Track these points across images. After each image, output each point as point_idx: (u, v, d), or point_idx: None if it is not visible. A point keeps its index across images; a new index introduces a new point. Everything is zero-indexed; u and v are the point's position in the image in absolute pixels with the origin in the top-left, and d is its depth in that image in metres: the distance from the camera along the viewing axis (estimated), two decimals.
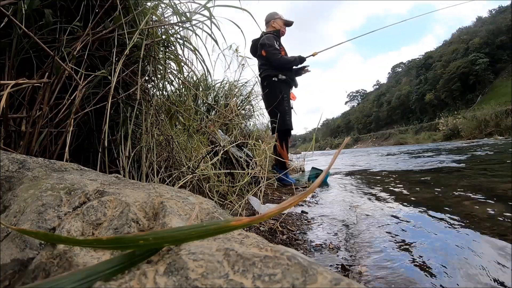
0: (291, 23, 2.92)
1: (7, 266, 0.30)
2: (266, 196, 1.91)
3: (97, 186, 0.44)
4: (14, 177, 0.47)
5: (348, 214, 1.39)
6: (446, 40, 50.84)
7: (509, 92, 23.70)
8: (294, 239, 1.05)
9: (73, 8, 1.04)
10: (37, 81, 0.81)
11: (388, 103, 52.72)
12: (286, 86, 2.75)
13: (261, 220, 0.27)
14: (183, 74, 1.55)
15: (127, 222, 0.34)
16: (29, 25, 0.88)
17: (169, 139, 1.37)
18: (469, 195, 1.55)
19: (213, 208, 0.44)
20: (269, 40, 2.65)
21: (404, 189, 1.96)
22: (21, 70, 0.92)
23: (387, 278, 0.72)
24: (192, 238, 0.26)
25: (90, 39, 0.98)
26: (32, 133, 0.81)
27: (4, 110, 0.70)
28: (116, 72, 0.98)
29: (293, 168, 3.50)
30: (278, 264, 0.23)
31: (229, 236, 0.32)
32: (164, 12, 1.45)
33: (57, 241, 0.29)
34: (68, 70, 0.87)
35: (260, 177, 1.56)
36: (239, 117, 2.57)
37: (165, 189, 0.46)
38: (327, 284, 0.20)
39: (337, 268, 0.79)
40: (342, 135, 62.30)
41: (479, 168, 2.80)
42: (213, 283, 0.21)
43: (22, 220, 0.36)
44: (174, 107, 1.41)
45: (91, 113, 1.08)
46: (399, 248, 0.91)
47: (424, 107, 42.79)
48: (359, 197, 1.82)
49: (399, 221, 1.21)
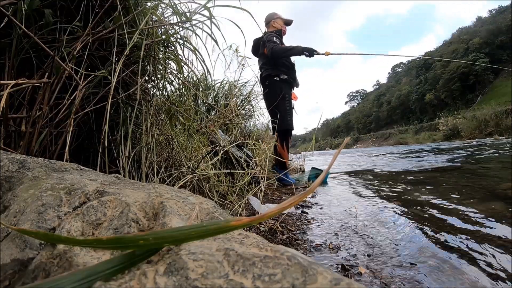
0: (291, 21, 2.92)
1: (7, 266, 0.30)
2: (266, 196, 1.91)
3: (97, 186, 0.44)
4: (14, 177, 0.47)
5: (348, 214, 1.39)
6: (446, 40, 50.90)
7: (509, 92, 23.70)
8: (294, 239, 1.05)
9: (73, 8, 1.04)
10: (37, 81, 0.81)
11: (388, 103, 52.73)
12: (287, 86, 2.74)
13: (261, 220, 0.27)
14: (183, 74, 1.55)
15: (127, 222, 0.34)
16: (29, 25, 0.88)
17: (169, 139, 1.37)
18: (469, 195, 1.55)
19: (213, 208, 0.44)
20: (270, 38, 2.64)
21: (404, 189, 1.96)
22: (21, 70, 0.92)
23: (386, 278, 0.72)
24: (192, 238, 0.26)
25: (90, 39, 0.98)
26: (32, 133, 0.81)
27: (4, 110, 0.70)
28: (116, 72, 0.98)
29: (293, 168, 3.50)
30: (278, 264, 0.23)
31: (229, 236, 0.32)
32: (164, 12, 1.44)
33: (57, 241, 0.29)
34: (68, 70, 0.87)
35: (260, 177, 1.56)
36: (239, 117, 2.57)
37: (165, 189, 0.46)
38: (327, 284, 0.20)
39: (337, 268, 0.79)
40: (342, 135, 62.32)
41: (479, 168, 2.80)
42: (213, 283, 0.21)
43: (22, 220, 0.36)
44: (174, 107, 1.41)
45: (91, 113, 1.08)
46: (398, 248, 0.91)
47: (424, 107, 42.80)
48: (359, 197, 1.82)
49: (399, 221, 1.21)
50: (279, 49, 2.58)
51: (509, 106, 15.72)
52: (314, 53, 2.60)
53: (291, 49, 2.60)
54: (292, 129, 2.76)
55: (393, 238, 1.01)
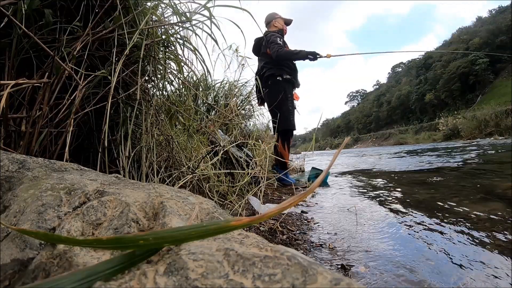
0: (291, 21, 2.92)
1: (7, 266, 0.30)
2: (266, 196, 1.91)
3: (97, 186, 0.44)
4: (14, 177, 0.47)
5: (348, 214, 1.39)
6: (446, 40, 50.88)
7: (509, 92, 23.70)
8: (294, 239, 1.05)
9: (73, 8, 1.04)
10: (37, 81, 0.81)
11: (388, 103, 52.73)
12: (290, 86, 2.74)
13: (261, 220, 0.27)
14: (183, 74, 1.55)
15: (127, 222, 0.34)
16: (29, 25, 0.88)
17: (169, 139, 1.37)
18: (469, 195, 1.55)
19: (213, 208, 0.44)
20: (273, 38, 2.64)
21: (404, 189, 1.96)
22: (21, 70, 0.92)
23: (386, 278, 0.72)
24: (192, 238, 0.26)
25: (90, 39, 0.98)
26: (32, 133, 0.81)
27: (4, 110, 0.70)
28: (116, 72, 0.98)
29: (293, 168, 3.50)
30: (278, 264, 0.23)
31: (229, 236, 0.32)
32: (164, 12, 1.44)
33: (57, 241, 0.29)
34: (68, 70, 0.87)
35: (260, 177, 1.56)
36: (239, 117, 2.57)
37: (165, 189, 0.46)
38: (327, 284, 0.20)
39: (337, 268, 0.79)
40: (342, 135, 62.32)
41: (479, 168, 2.80)
42: (213, 283, 0.21)
43: (22, 220, 0.36)
44: (174, 107, 1.41)
45: (91, 113, 1.08)
46: (396, 249, 0.91)
47: (424, 107, 42.81)
48: (359, 197, 1.82)
49: (399, 221, 1.21)
50: (284, 53, 2.59)
51: (509, 106, 15.72)
52: (317, 56, 2.61)
53: (297, 54, 2.62)
54: (294, 129, 2.76)
55: (393, 238, 1.01)
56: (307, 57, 2.60)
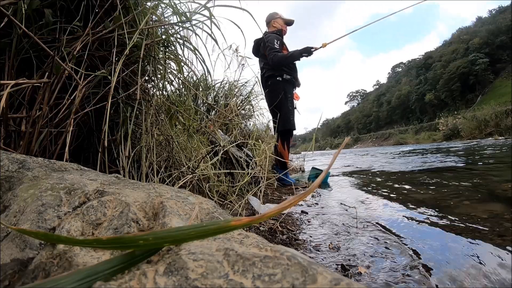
0: (292, 21, 2.92)
1: (7, 266, 0.30)
2: (266, 196, 1.91)
3: (97, 186, 0.44)
4: (14, 177, 0.47)
5: (348, 214, 1.39)
6: (446, 40, 50.91)
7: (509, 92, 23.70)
8: (294, 239, 1.05)
9: (73, 8, 1.04)
10: (37, 81, 0.81)
11: (388, 103, 52.75)
12: (290, 86, 2.74)
13: (261, 220, 0.27)
14: (183, 74, 1.55)
15: (127, 222, 0.34)
16: (29, 25, 0.88)
17: (169, 139, 1.37)
18: (469, 195, 1.55)
19: (213, 208, 0.44)
20: (270, 41, 2.64)
21: (404, 189, 1.96)
22: (21, 70, 0.92)
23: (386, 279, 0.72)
24: (192, 238, 0.26)
25: (90, 39, 0.98)
26: (32, 133, 0.81)
27: (4, 110, 0.70)
28: (116, 72, 0.98)
29: (293, 168, 3.50)
30: (278, 264, 0.23)
31: (229, 236, 0.32)
32: (164, 12, 1.44)
33: (57, 241, 0.29)
34: (68, 70, 0.87)
35: (260, 177, 1.56)
36: (239, 117, 2.57)
37: (165, 189, 0.46)
38: (327, 284, 0.20)
39: (337, 268, 0.79)
40: (342, 135, 62.35)
41: (479, 168, 2.80)
42: (213, 283, 0.21)
43: (22, 220, 0.36)
44: (174, 107, 1.41)
45: (91, 113, 1.08)
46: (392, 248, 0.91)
47: (424, 107, 42.82)
48: (359, 197, 1.82)
49: (399, 221, 1.21)
50: (277, 59, 2.59)
51: (509, 106, 15.72)
52: (312, 50, 2.60)
53: (290, 56, 2.62)
54: (294, 129, 2.76)
55: (392, 237, 1.01)
56: (301, 55, 2.60)
